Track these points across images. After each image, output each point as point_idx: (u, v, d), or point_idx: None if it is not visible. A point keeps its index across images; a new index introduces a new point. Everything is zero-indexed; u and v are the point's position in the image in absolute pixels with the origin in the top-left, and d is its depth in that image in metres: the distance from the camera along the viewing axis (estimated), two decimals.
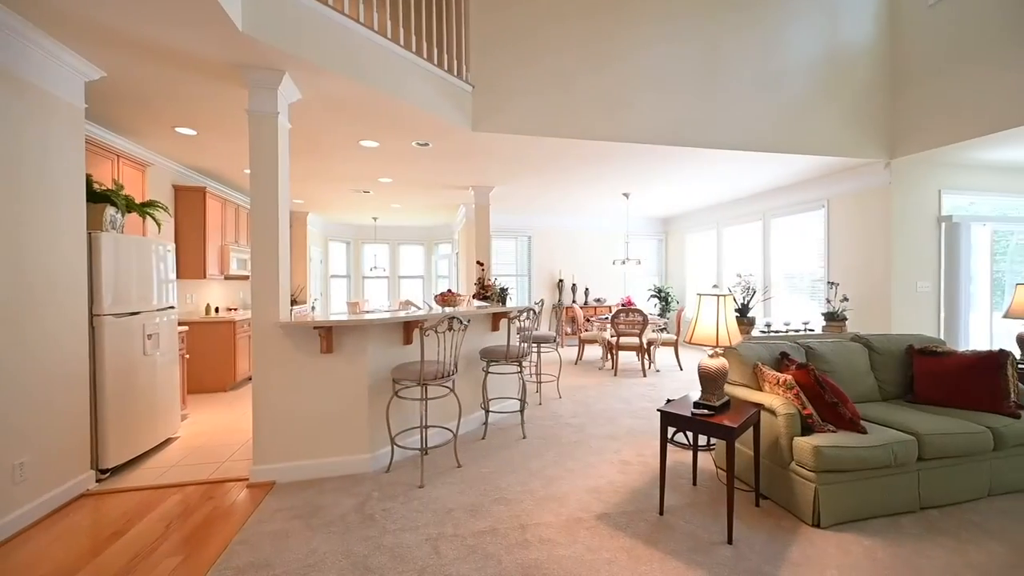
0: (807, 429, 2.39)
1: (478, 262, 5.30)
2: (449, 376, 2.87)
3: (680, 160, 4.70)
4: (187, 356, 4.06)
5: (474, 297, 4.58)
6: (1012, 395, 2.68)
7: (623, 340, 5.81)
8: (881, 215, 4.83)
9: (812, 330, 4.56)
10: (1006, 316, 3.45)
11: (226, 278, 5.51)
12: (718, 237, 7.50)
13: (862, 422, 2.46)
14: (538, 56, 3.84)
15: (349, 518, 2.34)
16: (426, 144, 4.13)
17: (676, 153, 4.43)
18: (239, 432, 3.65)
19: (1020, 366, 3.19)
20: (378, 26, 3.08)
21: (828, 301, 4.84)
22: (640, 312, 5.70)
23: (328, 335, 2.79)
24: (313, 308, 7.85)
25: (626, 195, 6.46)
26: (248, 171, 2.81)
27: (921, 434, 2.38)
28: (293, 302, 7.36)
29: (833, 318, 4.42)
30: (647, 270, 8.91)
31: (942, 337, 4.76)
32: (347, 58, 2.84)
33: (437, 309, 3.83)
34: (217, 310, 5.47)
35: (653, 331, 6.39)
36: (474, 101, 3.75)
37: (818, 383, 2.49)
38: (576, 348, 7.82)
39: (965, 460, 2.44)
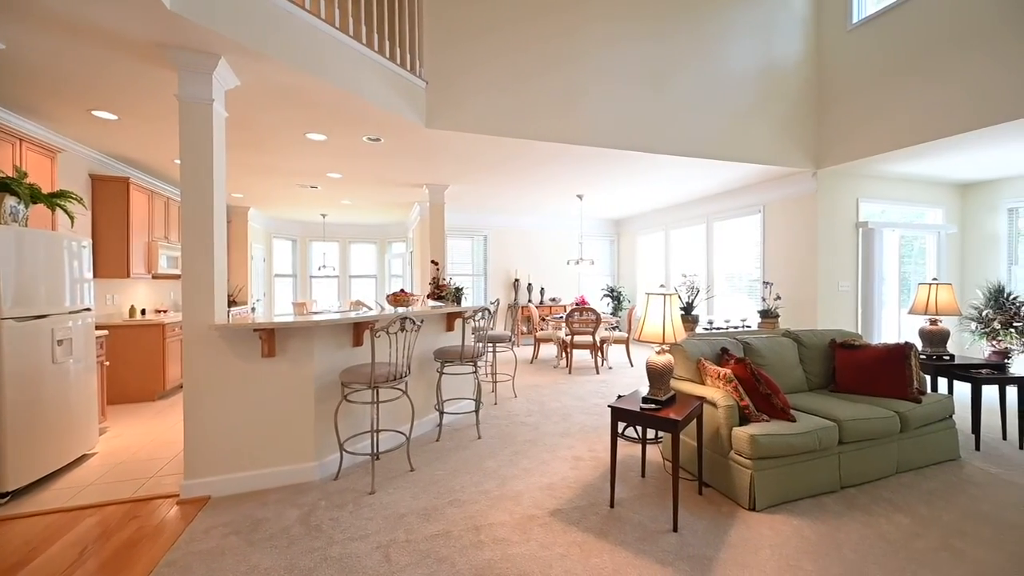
0: (744, 419, 2.55)
1: (433, 261, 5.21)
2: (402, 378, 2.80)
3: (631, 164, 4.87)
4: (107, 363, 3.69)
5: (429, 297, 4.50)
6: (915, 383, 3.00)
7: (577, 339, 5.93)
8: (809, 220, 5.26)
9: (749, 327, 4.87)
10: (911, 312, 3.86)
11: (154, 277, 5.06)
12: (666, 239, 7.85)
13: (792, 411, 2.66)
14: (493, 55, 3.83)
15: (293, 530, 2.22)
16: (377, 139, 4.00)
17: (627, 157, 4.59)
18: (169, 444, 3.36)
19: (922, 357, 3.59)
20: (325, 14, 2.94)
21: (763, 300, 5.20)
22: (593, 311, 5.84)
23: (270, 338, 2.63)
24: (253, 309, 7.39)
25: (580, 196, 6.60)
26: (179, 161, 2.58)
27: (841, 420, 2.61)
28: (232, 303, 6.94)
29: (767, 315, 4.75)
30: (600, 270, 9.17)
31: (859, 332, 5.26)
32: (290, 45, 2.69)
33: (389, 309, 3.72)
34: (144, 312, 5.01)
35: (606, 329, 6.58)
36: (428, 98, 3.68)
37: (754, 376, 2.67)
38: (532, 347, 7.90)
39: (877, 442, 2.71)
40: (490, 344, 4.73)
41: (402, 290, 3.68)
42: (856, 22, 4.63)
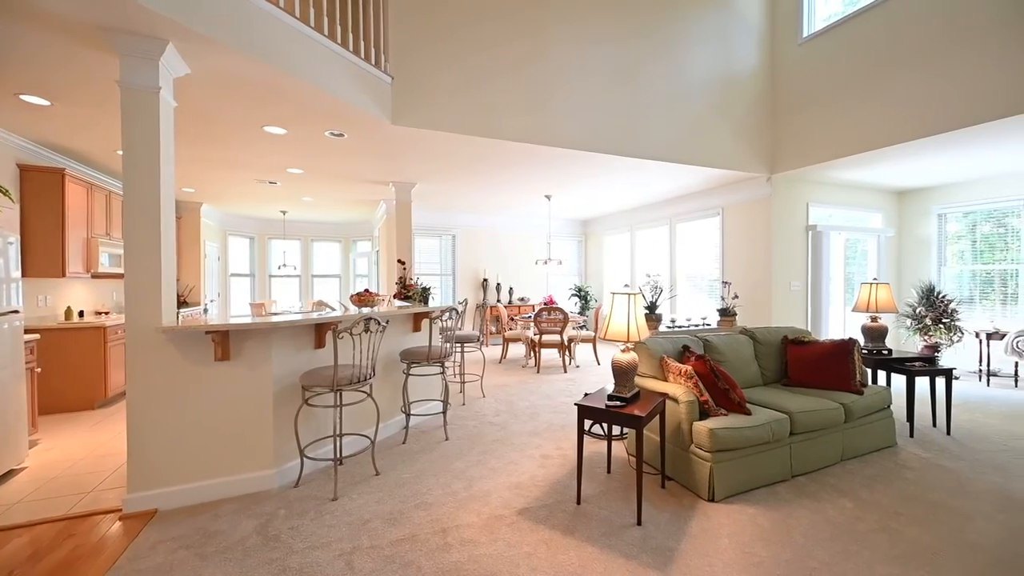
0: (704, 414, 2.64)
1: (399, 261, 5.12)
2: (366, 380, 2.73)
3: (598, 165, 4.96)
4: (38, 369, 3.40)
5: (395, 297, 4.42)
6: (858, 375, 3.21)
7: (545, 338, 5.98)
8: (764, 223, 5.53)
9: (709, 325, 5.06)
10: (854, 310, 4.13)
11: (94, 276, 4.71)
12: (631, 239, 8.05)
13: (748, 405, 2.78)
14: (462, 53, 3.80)
15: (250, 541, 2.12)
16: (341, 135, 3.89)
17: (594, 159, 4.66)
18: (110, 456, 3.13)
19: (864, 351, 3.84)
20: (284, 3, 2.82)
21: (722, 299, 5.42)
22: (561, 311, 5.91)
23: (224, 340, 2.50)
24: (206, 310, 7.01)
25: (548, 197, 6.66)
26: (122, 152, 2.41)
27: (792, 412, 2.75)
28: (183, 304, 6.56)
29: (726, 314, 4.95)
30: (568, 270, 9.28)
31: (809, 329, 5.57)
32: (245, 32, 2.57)
33: (353, 310, 3.62)
34: (82, 314, 4.65)
35: (573, 328, 6.66)
36: (394, 94, 3.61)
37: (713, 372, 2.77)
38: (500, 347, 7.89)
39: (825, 432, 2.87)
40: (458, 344, 4.70)
41: (367, 290, 3.59)
42: (806, 36, 4.91)
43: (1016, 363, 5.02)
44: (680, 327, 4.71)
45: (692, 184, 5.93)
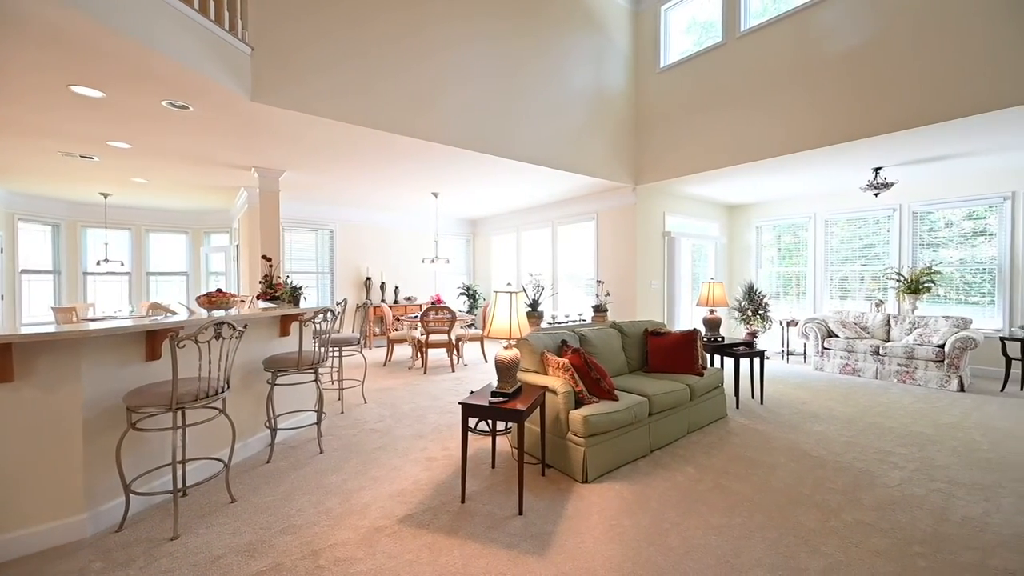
0: (579, 403, 2.85)
1: (264, 257, 4.55)
2: (217, 394, 2.35)
3: (483, 166, 5.02)
4: None
5: (259, 298, 3.92)
6: (700, 360, 3.78)
7: (432, 338, 5.86)
8: (630, 228, 6.20)
9: (585, 320, 5.50)
10: (697, 304, 4.89)
11: None
12: (517, 240, 8.35)
13: (616, 391, 3.08)
14: (337, 24, 3.50)
15: None
16: (185, 107, 3.29)
17: (479, 159, 4.71)
18: None
19: (704, 339, 4.55)
20: None
21: (597, 296, 5.94)
22: (449, 310, 5.85)
23: (2, 356, 1.92)
24: None
25: (435, 195, 6.55)
26: None
27: (651, 395, 3.13)
28: None
29: (599, 310, 5.43)
30: (456, 269, 9.26)
31: (665, 321, 6.42)
32: None
33: (202, 313, 3.09)
34: None
35: (461, 327, 6.66)
36: (254, 66, 3.18)
37: (587, 364, 3.01)
38: (385, 349, 7.53)
39: (675, 410, 3.33)
40: (335, 348, 4.34)
41: (219, 290, 3.10)
42: (663, 67, 5.63)
43: (804, 344, 6.44)
44: (560, 323, 5.03)
45: (570, 190, 6.37)
